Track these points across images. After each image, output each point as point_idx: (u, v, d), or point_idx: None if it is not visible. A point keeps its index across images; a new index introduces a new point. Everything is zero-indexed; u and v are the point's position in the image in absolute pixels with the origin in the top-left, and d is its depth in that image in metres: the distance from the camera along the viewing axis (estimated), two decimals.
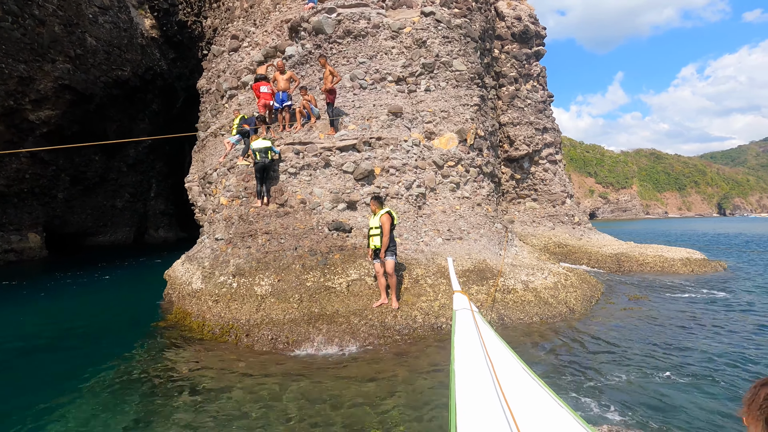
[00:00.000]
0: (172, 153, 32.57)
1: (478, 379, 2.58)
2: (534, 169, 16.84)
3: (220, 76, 17.18)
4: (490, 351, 2.90)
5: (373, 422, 4.22)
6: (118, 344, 7.07)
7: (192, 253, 10.25)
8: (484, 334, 3.22)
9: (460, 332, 3.35)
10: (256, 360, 6.06)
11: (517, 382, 2.53)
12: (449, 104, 11.39)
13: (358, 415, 4.38)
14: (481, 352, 2.93)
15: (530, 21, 17.34)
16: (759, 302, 9.37)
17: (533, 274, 8.85)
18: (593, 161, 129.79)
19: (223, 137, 13.65)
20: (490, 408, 2.24)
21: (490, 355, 2.82)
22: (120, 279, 15.32)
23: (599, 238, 16.01)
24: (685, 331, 7.21)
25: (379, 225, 7.06)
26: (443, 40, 12.20)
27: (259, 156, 9.19)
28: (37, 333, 8.21)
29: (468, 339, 3.20)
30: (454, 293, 4.47)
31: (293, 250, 8.41)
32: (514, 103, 16.60)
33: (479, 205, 10.63)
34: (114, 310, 10.19)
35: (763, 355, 6.08)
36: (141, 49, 27.26)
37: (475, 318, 3.56)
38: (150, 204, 31.24)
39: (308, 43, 12.70)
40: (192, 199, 14.91)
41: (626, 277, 12.22)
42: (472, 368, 2.73)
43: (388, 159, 10.06)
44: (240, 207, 9.35)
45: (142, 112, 28.77)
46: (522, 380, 2.57)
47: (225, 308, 7.49)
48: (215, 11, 22.34)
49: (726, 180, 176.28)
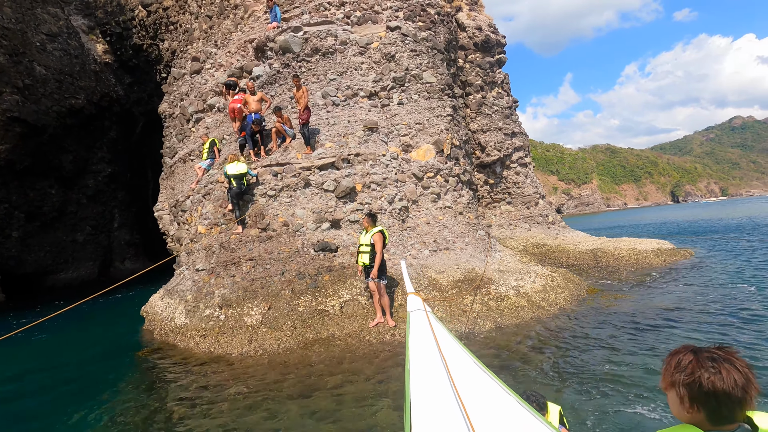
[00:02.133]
0: (135, 181, 31.31)
1: (433, 377, 2.61)
2: (506, 173, 17.23)
3: (183, 100, 16.72)
4: (444, 349, 2.92)
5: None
6: (102, 385, 6.59)
7: (171, 286, 9.78)
8: (438, 334, 3.24)
9: (415, 333, 3.39)
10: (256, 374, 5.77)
11: (470, 377, 2.57)
12: (423, 116, 11.50)
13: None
14: (435, 351, 2.95)
15: (490, 31, 17.88)
16: (730, 285, 9.89)
17: (522, 278, 8.97)
18: (554, 159, 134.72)
19: (193, 162, 13.22)
20: (444, 405, 2.27)
21: (443, 354, 2.83)
22: (88, 319, 14.41)
23: (573, 235, 16.50)
24: (655, 319, 7.48)
25: (371, 243, 6.98)
26: (411, 53, 12.36)
27: (236, 183, 8.99)
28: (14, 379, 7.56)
29: (422, 339, 3.25)
30: (408, 295, 4.49)
31: (280, 275, 8.18)
32: (482, 110, 16.99)
33: (461, 214, 10.72)
34: (88, 352, 9.53)
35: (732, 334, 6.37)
36: (95, 75, 26.19)
37: (429, 318, 3.59)
38: (114, 235, 29.77)
39: (276, 62, 12.56)
40: (163, 229, 14.30)
41: (605, 272, 12.62)
42: (426, 368, 2.76)
43: (368, 174, 10.01)
44: (220, 235, 9.03)
45: (99, 141, 27.53)
46: (475, 375, 2.62)
47: (214, 343, 7.15)
48: (172, 33, 21.83)
49: (676, 169, 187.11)
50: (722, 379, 1.30)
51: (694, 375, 1.34)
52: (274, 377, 5.89)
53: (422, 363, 2.85)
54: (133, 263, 30.84)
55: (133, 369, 7.42)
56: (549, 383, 5.22)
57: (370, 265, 6.97)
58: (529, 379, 5.35)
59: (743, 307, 8.06)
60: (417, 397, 2.40)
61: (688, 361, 1.38)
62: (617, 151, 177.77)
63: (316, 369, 6.01)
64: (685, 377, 1.36)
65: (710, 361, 1.34)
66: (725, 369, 1.31)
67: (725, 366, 1.32)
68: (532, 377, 5.41)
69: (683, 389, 1.37)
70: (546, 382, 5.25)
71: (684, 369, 1.37)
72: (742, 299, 8.63)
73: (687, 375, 1.36)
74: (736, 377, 1.30)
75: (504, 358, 6.05)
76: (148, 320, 9.52)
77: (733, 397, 1.29)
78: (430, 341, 3.16)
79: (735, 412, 1.32)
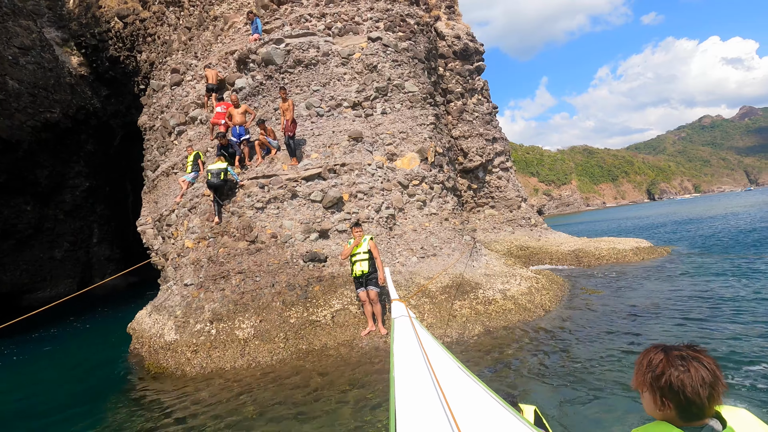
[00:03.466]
0: (114, 195, 30.69)
1: (419, 383, 2.60)
2: (489, 178, 17.57)
3: (164, 112, 16.58)
4: (430, 355, 2.92)
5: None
6: (92, 414, 6.49)
7: (159, 302, 9.67)
8: (423, 340, 3.24)
9: (399, 339, 3.39)
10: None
11: (456, 382, 2.57)
12: (406, 125, 11.70)
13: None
14: (420, 357, 2.94)
15: (468, 39, 18.29)
16: (703, 279, 10.33)
17: (508, 282, 9.20)
18: (534, 161, 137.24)
19: (176, 176, 13.11)
20: (430, 410, 2.26)
21: (429, 359, 2.83)
22: (70, 339, 14.07)
23: (556, 236, 16.91)
24: (638, 317, 7.79)
25: (367, 250, 7.07)
26: (393, 63, 12.58)
27: (211, 176, 9.30)
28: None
29: (407, 345, 3.24)
30: (392, 302, 4.49)
31: (270, 287, 8.20)
32: (463, 117, 17.32)
33: (447, 220, 10.92)
34: (74, 376, 9.33)
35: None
36: (70, 88, 25.68)
37: (414, 324, 3.59)
38: (93, 251, 29.07)
39: (258, 74, 12.61)
40: (147, 243, 14.10)
41: (588, 270, 13.00)
42: (412, 374, 2.75)
43: (355, 184, 10.13)
44: (208, 248, 9.00)
45: (76, 155, 26.93)
46: (461, 380, 2.62)
47: (206, 358, 7.13)
48: (150, 45, 21.63)
49: (651, 168, 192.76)
50: (691, 376, 1.36)
51: (665, 373, 1.40)
52: (269, 391, 5.92)
53: (407, 369, 2.84)
54: (114, 279, 30.10)
55: (122, 389, 7.32)
56: (539, 384, 5.40)
57: (369, 273, 7.06)
58: (519, 382, 5.52)
59: (715, 300, 8.44)
60: (402, 403, 2.39)
61: (658, 360, 1.44)
62: (594, 152, 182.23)
63: (310, 381, 6.06)
64: (656, 376, 1.42)
65: (679, 359, 1.40)
66: (694, 367, 1.37)
67: (694, 364, 1.38)
68: (521, 380, 5.58)
69: (654, 387, 1.43)
70: (535, 384, 5.42)
71: (655, 368, 1.43)
72: (714, 293, 9.03)
73: (658, 374, 1.42)
74: (704, 374, 1.36)
75: (494, 361, 6.22)
76: (135, 337, 9.38)
77: (701, 394, 1.35)
78: (415, 347, 3.15)
79: (703, 409, 1.37)
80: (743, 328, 6.68)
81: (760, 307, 7.67)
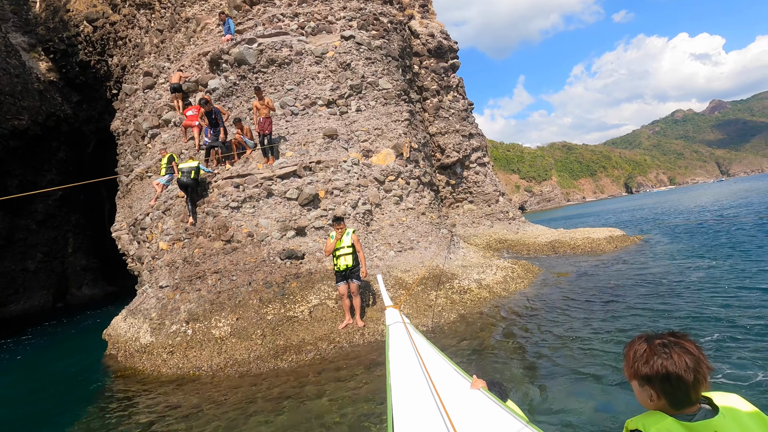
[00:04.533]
0: (88, 203, 29.93)
1: (415, 389, 2.61)
2: (466, 174, 17.80)
3: (137, 116, 16.33)
4: (426, 360, 2.93)
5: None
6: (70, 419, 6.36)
7: (134, 306, 9.53)
8: (418, 345, 3.26)
9: (395, 345, 3.41)
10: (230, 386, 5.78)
11: (453, 386, 2.58)
12: (381, 122, 11.79)
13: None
14: (416, 363, 2.96)
15: (442, 37, 18.51)
16: (668, 262, 10.71)
17: (483, 272, 9.36)
18: (515, 159, 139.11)
19: (151, 179, 12.92)
20: (428, 416, 2.27)
21: (425, 364, 2.84)
22: (43, 350, 13.70)
23: (533, 229, 17.24)
24: (609, 299, 8.04)
25: (351, 244, 7.11)
26: (366, 61, 12.66)
27: (182, 174, 9.30)
28: None
29: (402, 351, 3.26)
30: (386, 308, 4.52)
31: (247, 285, 8.17)
32: (439, 114, 17.52)
33: (423, 214, 11.05)
34: (45, 384, 9.11)
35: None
36: (39, 94, 24.98)
37: (408, 330, 3.62)
38: (69, 261, 28.28)
39: (231, 74, 12.54)
40: (122, 249, 13.86)
41: (562, 259, 13.30)
42: (408, 379, 2.76)
43: (331, 181, 10.17)
44: (183, 250, 8.91)
45: (48, 162, 26.21)
46: (457, 384, 2.62)
47: (182, 358, 7.06)
48: (121, 49, 21.27)
49: (628, 162, 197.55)
50: (674, 363, 1.38)
51: (649, 362, 1.42)
52: (244, 390, 5.91)
53: (403, 375, 2.83)
54: (91, 289, 29.44)
55: (96, 396, 7.18)
56: (512, 367, 5.54)
57: (353, 267, 7.10)
58: (495, 363, 5.65)
59: (678, 281, 8.78)
60: (399, 409, 2.38)
61: (642, 350, 1.46)
62: (573, 148, 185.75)
63: (287, 379, 6.07)
64: (642, 365, 1.44)
65: (662, 347, 1.42)
66: (676, 353, 1.39)
67: (676, 350, 1.40)
68: (497, 361, 5.71)
69: (641, 377, 1.45)
70: (508, 366, 5.56)
71: (640, 358, 1.45)
72: (679, 274, 9.39)
73: (643, 363, 1.44)
74: (687, 360, 1.38)
75: (468, 346, 6.34)
76: (110, 343, 9.22)
77: (686, 379, 1.37)
78: (410, 353, 3.16)
79: (690, 393, 1.39)
80: (695, 302, 6.98)
81: (714, 283, 8.01)
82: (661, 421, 1.38)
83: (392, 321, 4.03)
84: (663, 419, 1.38)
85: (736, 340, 5.41)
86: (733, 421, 1.33)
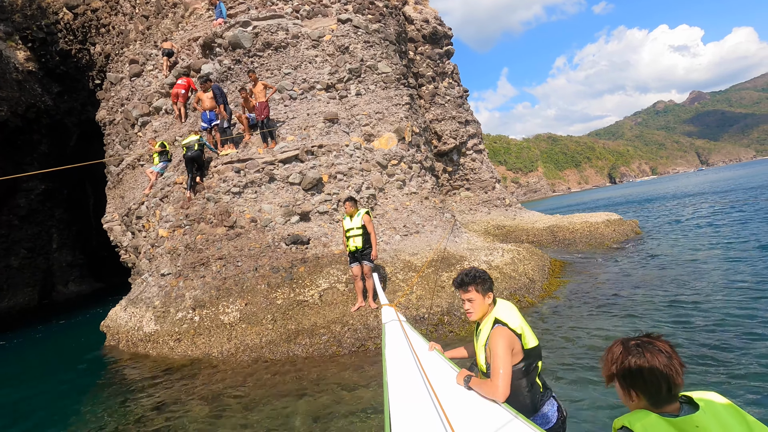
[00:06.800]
0: (74, 197, 29.06)
1: (412, 386, 2.62)
2: (463, 161, 17.74)
3: (124, 104, 15.83)
4: (421, 357, 2.95)
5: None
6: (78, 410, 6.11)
7: (134, 295, 9.23)
8: (414, 342, 3.29)
9: (391, 343, 3.44)
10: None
11: (448, 383, 2.58)
12: (382, 105, 11.60)
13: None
14: (412, 360, 2.99)
15: (437, 23, 18.32)
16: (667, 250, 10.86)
17: (491, 254, 9.31)
18: (501, 150, 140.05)
19: (144, 168, 12.52)
20: (424, 413, 2.26)
21: (421, 362, 2.86)
22: (35, 345, 13.26)
23: (530, 215, 17.30)
24: (622, 293, 8.10)
25: (361, 225, 6.94)
26: (365, 44, 12.42)
27: (187, 149, 9.19)
28: None
29: (399, 349, 3.29)
30: (382, 307, 4.50)
31: (253, 270, 7.96)
32: (435, 101, 17.38)
33: (427, 199, 10.94)
34: (46, 377, 8.78)
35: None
36: (18, 84, 24.03)
37: (404, 327, 3.64)
38: (54, 257, 27.46)
39: (226, 59, 12.19)
40: (115, 241, 13.45)
41: (563, 245, 13.37)
42: (404, 377, 2.78)
43: (334, 165, 9.97)
44: (184, 236, 8.64)
45: (29, 156, 25.30)
46: (451, 378, 2.62)
47: (191, 345, 6.85)
48: (104, 36, 20.58)
49: (611, 153, 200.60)
50: (647, 360, 1.46)
51: (624, 362, 1.50)
52: (259, 375, 5.75)
53: (400, 373, 2.85)
54: (78, 285, 28.70)
55: (102, 383, 6.94)
56: None
57: (363, 248, 6.91)
58: None
59: (680, 275, 8.88)
60: (396, 407, 2.37)
61: (618, 352, 1.54)
62: (558, 139, 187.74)
63: (301, 364, 5.92)
64: (618, 366, 1.52)
65: (635, 347, 1.50)
66: (649, 352, 1.47)
67: (648, 348, 1.48)
68: None
69: (619, 378, 1.53)
70: None
71: (616, 360, 1.53)
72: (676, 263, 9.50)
73: (619, 364, 1.52)
74: (660, 358, 1.45)
75: None
76: (110, 334, 8.93)
77: (659, 376, 1.44)
78: (406, 350, 3.19)
79: (665, 390, 1.45)
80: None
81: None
82: (645, 418, 1.44)
83: (388, 319, 4.04)
84: (647, 416, 1.44)
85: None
86: (713, 416, 1.39)
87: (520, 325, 2.42)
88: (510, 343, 2.33)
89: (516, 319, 2.45)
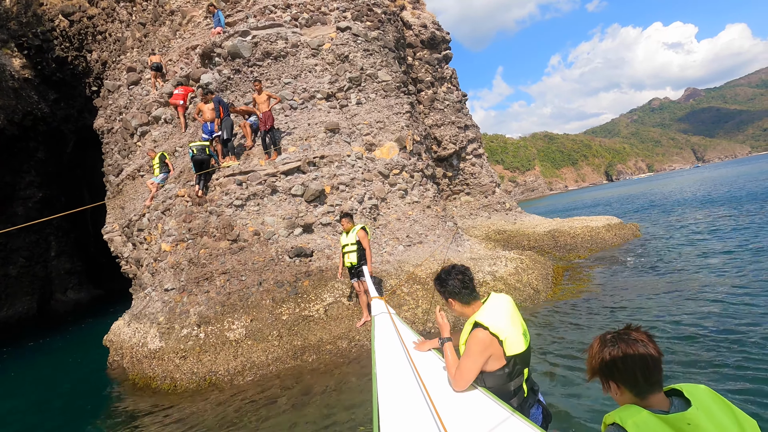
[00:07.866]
0: (71, 204, 28.92)
1: (401, 379, 2.62)
2: (463, 165, 17.75)
3: (123, 113, 15.76)
4: (410, 349, 2.96)
5: None
6: None
7: (137, 310, 9.18)
8: (403, 333, 3.30)
9: (380, 335, 3.45)
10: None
11: (438, 375, 2.59)
12: (383, 114, 11.59)
13: None
14: (401, 352, 2.99)
15: (435, 28, 18.31)
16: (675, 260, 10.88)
17: (494, 263, 9.32)
18: (498, 149, 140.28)
19: (144, 179, 12.46)
20: (414, 405, 2.25)
21: (410, 354, 2.86)
22: (37, 359, 13.19)
23: (530, 219, 17.32)
24: (626, 300, 8.11)
25: (356, 241, 6.95)
26: (364, 53, 12.41)
27: (196, 151, 9.33)
28: None
29: (388, 340, 3.30)
30: (372, 299, 4.55)
31: (258, 285, 7.94)
32: (434, 106, 17.37)
33: (429, 207, 10.94)
34: (50, 397, 8.73)
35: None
36: (14, 92, 23.88)
37: (393, 320, 3.67)
38: (52, 265, 27.32)
39: (225, 68, 12.14)
40: (115, 251, 13.38)
41: (565, 250, 13.40)
42: (394, 369, 2.77)
43: (336, 176, 9.95)
44: (187, 250, 8.60)
45: (26, 164, 25.18)
46: (441, 373, 2.62)
47: (197, 363, 6.82)
48: (101, 44, 20.47)
49: (608, 150, 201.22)
50: (621, 350, 1.48)
51: (600, 354, 1.53)
52: (266, 392, 5.73)
53: (389, 365, 2.84)
54: (76, 293, 28.58)
55: (106, 404, 6.91)
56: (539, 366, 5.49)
57: (359, 264, 6.91)
58: None
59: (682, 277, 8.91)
60: (385, 399, 2.37)
61: (597, 347, 1.57)
62: (554, 138, 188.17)
63: (308, 380, 5.90)
64: (596, 360, 1.55)
65: (611, 340, 1.53)
66: (624, 342, 1.49)
67: (624, 339, 1.50)
68: None
69: (598, 371, 1.55)
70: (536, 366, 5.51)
71: (595, 354, 1.56)
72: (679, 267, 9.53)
73: (597, 358, 1.54)
74: (634, 347, 1.47)
75: None
76: (113, 349, 8.89)
77: (632, 364, 1.45)
78: (395, 343, 3.19)
79: (640, 377, 1.45)
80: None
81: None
82: (637, 414, 1.42)
83: (378, 312, 4.06)
84: (639, 412, 1.42)
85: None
86: (705, 413, 1.37)
87: (505, 329, 2.32)
88: (484, 347, 2.28)
89: (502, 320, 2.34)
